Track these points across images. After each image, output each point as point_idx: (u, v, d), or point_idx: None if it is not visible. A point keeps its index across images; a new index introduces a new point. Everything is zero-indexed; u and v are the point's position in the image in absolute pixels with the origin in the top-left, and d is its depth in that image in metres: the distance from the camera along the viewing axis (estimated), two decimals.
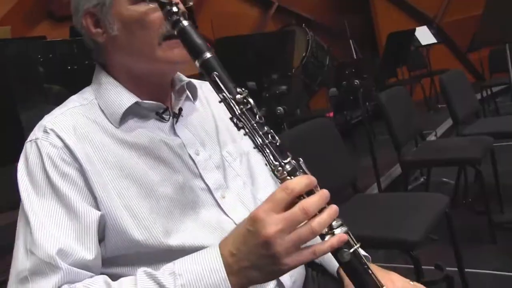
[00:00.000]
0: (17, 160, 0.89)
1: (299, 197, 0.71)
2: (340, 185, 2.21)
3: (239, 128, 0.77)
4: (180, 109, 1.00)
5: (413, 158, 2.91)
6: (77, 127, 0.89)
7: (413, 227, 1.80)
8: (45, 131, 0.87)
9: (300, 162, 0.77)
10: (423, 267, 1.75)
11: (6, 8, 4.52)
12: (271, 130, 0.77)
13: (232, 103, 0.77)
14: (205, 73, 0.79)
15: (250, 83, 2.77)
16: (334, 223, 0.72)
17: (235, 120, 0.77)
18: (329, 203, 0.73)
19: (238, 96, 0.77)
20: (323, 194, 0.72)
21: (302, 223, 0.70)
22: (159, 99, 0.97)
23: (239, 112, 0.77)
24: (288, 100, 3.02)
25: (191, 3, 0.98)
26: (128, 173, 0.88)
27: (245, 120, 0.76)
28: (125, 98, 0.93)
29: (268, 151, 0.75)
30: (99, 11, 0.92)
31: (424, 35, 6.28)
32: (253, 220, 0.71)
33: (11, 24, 4.28)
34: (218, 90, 0.78)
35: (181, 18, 0.80)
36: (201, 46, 0.80)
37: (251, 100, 0.78)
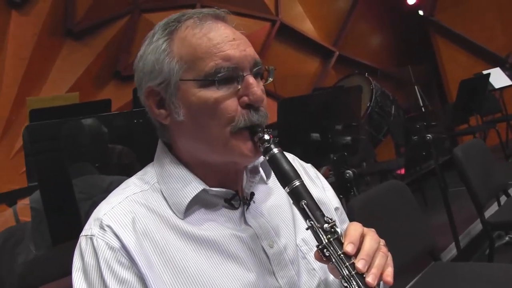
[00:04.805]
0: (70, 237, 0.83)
1: None
2: (416, 253, 2.01)
3: (326, 257, 0.75)
4: (252, 194, 0.91)
5: (498, 219, 2.59)
6: (136, 221, 0.81)
7: None
8: (102, 227, 0.79)
9: None
10: None
11: (77, 74, 4.80)
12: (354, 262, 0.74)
13: (320, 232, 0.75)
14: (293, 200, 0.79)
15: (314, 134, 2.68)
16: None
17: (320, 247, 0.75)
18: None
19: (325, 226, 0.75)
20: None
21: None
22: (228, 182, 0.88)
23: (326, 241, 0.75)
24: (354, 153, 2.88)
25: (270, 79, 0.91)
26: (192, 275, 0.79)
27: (332, 250, 0.74)
28: (191, 186, 0.85)
29: (354, 282, 0.72)
30: (164, 90, 0.84)
31: (498, 77, 5.91)
32: None
33: (81, 88, 4.53)
34: (305, 217, 0.77)
35: (272, 146, 0.81)
36: (290, 173, 0.79)
37: (338, 230, 0.76)
